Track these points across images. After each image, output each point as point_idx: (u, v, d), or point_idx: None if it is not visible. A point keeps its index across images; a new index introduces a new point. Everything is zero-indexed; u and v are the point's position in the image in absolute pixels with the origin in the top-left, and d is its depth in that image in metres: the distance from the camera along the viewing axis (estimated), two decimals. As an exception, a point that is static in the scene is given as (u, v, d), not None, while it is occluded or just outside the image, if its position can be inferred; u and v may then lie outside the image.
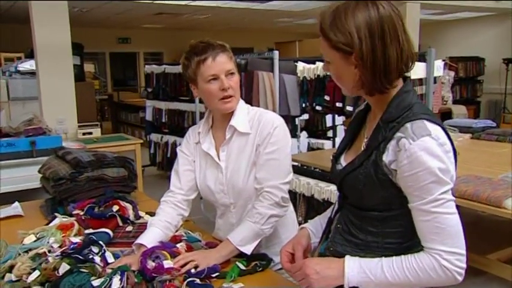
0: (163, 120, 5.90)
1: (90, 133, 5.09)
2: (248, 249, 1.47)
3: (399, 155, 1.03)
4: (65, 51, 4.73)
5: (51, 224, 1.63)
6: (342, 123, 5.55)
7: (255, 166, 1.54)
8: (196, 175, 1.65)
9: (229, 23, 9.67)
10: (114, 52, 11.11)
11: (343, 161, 1.23)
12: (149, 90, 6.12)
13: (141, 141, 4.91)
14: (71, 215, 1.82)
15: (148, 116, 6.19)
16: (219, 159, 1.59)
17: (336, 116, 5.09)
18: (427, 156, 0.99)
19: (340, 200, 1.24)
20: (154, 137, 6.14)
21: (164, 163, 6.04)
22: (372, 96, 1.11)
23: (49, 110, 4.64)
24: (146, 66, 6.28)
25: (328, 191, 2.92)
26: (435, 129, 1.02)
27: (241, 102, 1.60)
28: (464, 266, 1.02)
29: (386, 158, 1.06)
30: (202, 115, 4.92)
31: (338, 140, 5.26)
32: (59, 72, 4.68)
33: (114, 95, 10.23)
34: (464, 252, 1.02)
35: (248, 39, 11.04)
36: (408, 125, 1.03)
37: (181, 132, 5.81)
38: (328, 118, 5.37)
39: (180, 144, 5.59)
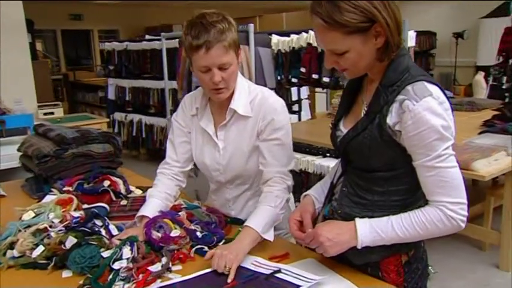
0: (127, 99, 5.77)
1: (52, 113, 4.93)
2: (270, 236, 1.39)
3: (403, 116, 1.08)
4: (19, 27, 4.50)
5: (45, 200, 1.60)
6: (307, 97, 5.64)
7: (257, 150, 1.52)
8: (192, 148, 1.63)
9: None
10: (66, 29, 10.63)
11: (343, 127, 1.27)
12: (111, 68, 5.95)
13: (107, 120, 4.83)
14: (60, 192, 1.79)
15: (111, 94, 6.03)
16: (217, 137, 1.56)
17: (303, 88, 5.16)
18: (431, 115, 1.05)
19: (344, 164, 1.29)
20: (118, 116, 6.01)
21: (129, 142, 5.93)
22: (382, 61, 1.14)
23: (4, 89, 4.42)
24: (106, 43, 6.08)
25: (305, 161, 3.00)
26: (435, 90, 1.08)
27: (242, 80, 1.53)
28: (467, 214, 1.10)
29: (390, 120, 1.11)
30: (172, 91, 4.86)
31: (304, 114, 5.36)
32: (13, 50, 4.46)
33: (69, 74, 9.84)
34: (465, 201, 1.10)
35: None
36: (409, 87, 1.08)
37: (146, 110, 5.73)
38: (294, 92, 5.43)
39: (146, 123, 5.42)
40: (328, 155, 3.04)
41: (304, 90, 5.44)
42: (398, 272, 1.21)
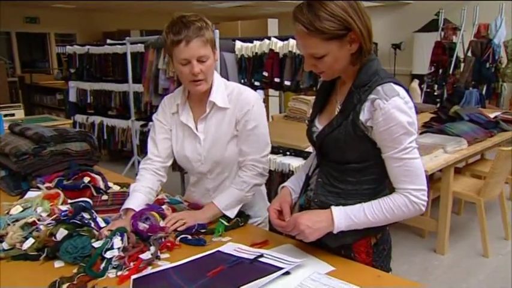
0: (89, 101, 5.60)
1: (13, 115, 4.69)
2: (232, 213, 1.54)
3: (375, 114, 1.16)
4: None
5: (28, 196, 1.55)
6: (262, 100, 5.73)
7: (235, 139, 1.57)
8: (172, 144, 1.64)
9: (144, 5, 9.29)
10: (21, 32, 10.09)
11: (318, 124, 1.33)
12: (72, 71, 5.75)
13: (70, 121, 4.67)
14: (39, 189, 1.74)
15: (72, 97, 5.81)
16: (197, 130, 1.59)
17: (259, 92, 5.24)
18: (398, 113, 1.14)
19: (319, 158, 1.34)
20: (79, 118, 5.81)
21: (91, 143, 5.75)
22: (355, 65, 1.22)
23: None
24: (68, 47, 5.87)
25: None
26: (401, 90, 1.17)
27: (218, 77, 1.59)
28: (427, 199, 1.19)
29: (363, 117, 1.18)
30: (136, 94, 4.77)
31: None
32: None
33: (25, 77, 9.35)
34: (426, 188, 1.19)
35: (163, 22, 10.66)
36: (379, 88, 1.16)
37: (107, 112, 5.60)
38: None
39: (107, 125, 5.28)
40: (288, 153, 3.12)
41: (260, 94, 5.51)
42: (368, 252, 1.29)
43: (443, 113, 3.87)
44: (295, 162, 2.98)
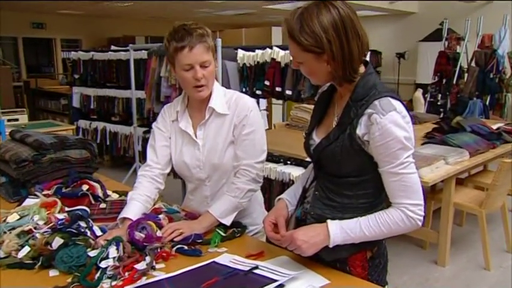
0: (92, 107, 5.63)
1: (16, 119, 4.73)
2: (228, 221, 1.54)
3: (371, 128, 1.15)
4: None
5: (26, 203, 1.56)
6: (265, 108, 5.73)
7: (233, 144, 1.59)
8: (171, 151, 1.65)
9: (150, 11, 9.37)
10: (27, 37, 10.18)
11: (316, 137, 1.33)
12: (76, 76, 5.79)
13: (73, 127, 4.70)
14: (37, 196, 1.74)
15: (76, 102, 5.85)
16: (196, 137, 1.61)
17: (262, 101, 5.24)
18: (395, 128, 1.13)
19: (316, 170, 1.34)
20: (83, 123, 5.84)
21: (93, 149, 5.77)
22: (341, 86, 1.23)
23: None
24: (72, 52, 5.92)
25: (268, 168, 3.05)
26: (398, 105, 1.16)
27: (217, 85, 1.61)
28: (423, 214, 1.19)
29: (360, 131, 1.18)
30: (139, 101, 4.80)
31: (262, 125, 5.43)
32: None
33: (31, 82, 9.42)
34: (422, 202, 1.18)
35: (168, 28, 10.70)
36: (376, 102, 1.16)
37: (110, 118, 5.62)
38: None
39: (110, 131, 5.32)
40: (288, 162, 3.11)
41: (263, 103, 5.52)
42: (363, 266, 1.28)
43: (445, 123, 3.85)
44: (295, 172, 2.97)
